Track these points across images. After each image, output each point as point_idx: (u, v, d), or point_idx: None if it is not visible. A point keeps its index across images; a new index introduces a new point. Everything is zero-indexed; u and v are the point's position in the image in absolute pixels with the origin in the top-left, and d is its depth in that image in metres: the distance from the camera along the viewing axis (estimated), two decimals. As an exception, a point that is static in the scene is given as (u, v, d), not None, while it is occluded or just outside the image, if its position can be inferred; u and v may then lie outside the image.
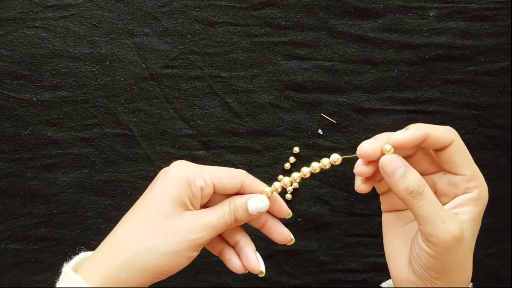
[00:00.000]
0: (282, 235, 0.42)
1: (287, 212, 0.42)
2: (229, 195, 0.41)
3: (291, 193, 0.60)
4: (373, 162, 0.38)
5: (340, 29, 0.59)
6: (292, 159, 0.60)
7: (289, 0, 0.59)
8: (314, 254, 0.60)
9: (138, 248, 0.36)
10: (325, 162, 0.39)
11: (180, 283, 0.60)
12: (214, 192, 0.40)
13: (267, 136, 0.60)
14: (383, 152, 0.36)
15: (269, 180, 0.60)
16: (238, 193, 0.41)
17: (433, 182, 0.39)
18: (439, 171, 0.39)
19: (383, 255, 0.62)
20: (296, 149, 0.60)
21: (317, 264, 0.60)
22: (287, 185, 0.40)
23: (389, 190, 0.41)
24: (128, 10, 0.59)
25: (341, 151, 0.60)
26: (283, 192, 0.60)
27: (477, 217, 0.37)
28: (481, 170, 0.60)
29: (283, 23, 0.59)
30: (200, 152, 0.60)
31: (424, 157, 0.39)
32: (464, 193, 0.37)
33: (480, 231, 0.60)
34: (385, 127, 0.60)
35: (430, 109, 0.60)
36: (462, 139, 0.59)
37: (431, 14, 0.59)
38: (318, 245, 0.60)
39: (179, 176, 0.38)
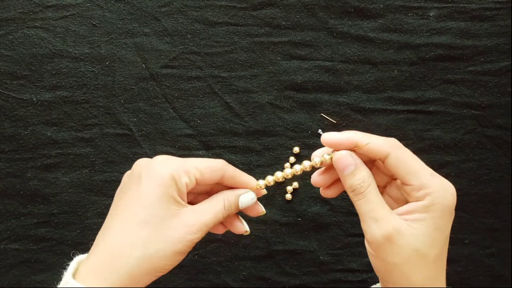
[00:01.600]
0: (240, 228, 0.43)
1: (261, 210, 0.44)
2: (212, 185, 0.42)
3: (291, 193, 0.60)
4: (327, 171, 0.42)
5: (340, 29, 0.59)
6: (292, 159, 0.60)
7: (289, 0, 0.59)
8: (314, 254, 0.60)
9: (142, 256, 0.36)
10: (306, 165, 0.42)
11: (180, 283, 0.60)
12: (196, 184, 0.41)
13: (267, 136, 0.60)
14: (329, 155, 0.40)
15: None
16: (218, 183, 0.42)
17: (398, 186, 0.41)
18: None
19: (383, 255, 0.62)
20: (296, 149, 0.60)
21: (317, 264, 0.60)
22: (270, 183, 0.42)
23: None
24: (128, 10, 0.59)
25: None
26: (283, 192, 0.60)
27: (431, 225, 0.37)
28: (481, 170, 0.60)
29: (283, 23, 0.59)
30: (200, 152, 0.60)
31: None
32: (416, 200, 0.38)
33: (480, 231, 0.60)
34: (385, 127, 0.60)
35: (430, 109, 0.60)
36: (462, 139, 0.60)
37: (431, 14, 0.59)
38: (318, 245, 0.60)
39: (165, 174, 0.38)
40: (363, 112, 0.60)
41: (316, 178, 0.42)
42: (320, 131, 0.60)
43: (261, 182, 0.42)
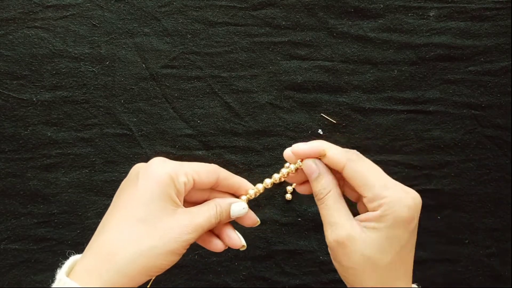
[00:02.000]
0: (234, 240, 0.44)
1: (255, 220, 0.45)
2: (203, 190, 0.43)
3: (291, 193, 0.60)
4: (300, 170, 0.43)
5: (340, 29, 0.59)
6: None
7: (289, 0, 0.59)
8: (314, 254, 0.60)
9: (136, 252, 0.37)
10: (284, 172, 0.44)
11: (180, 283, 0.60)
12: (193, 188, 0.41)
13: (267, 136, 0.60)
14: (296, 166, 0.43)
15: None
16: (212, 188, 0.43)
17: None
18: None
19: (383, 255, 0.62)
20: (296, 149, 0.60)
21: (317, 264, 0.60)
22: (261, 191, 0.45)
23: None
24: (128, 10, 0.59)
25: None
26: (283, 192, 0.60)
27: (383, 234, 0.38)
28: (481, 170, 0.60)
29: (283, 23, 0.59)
30: (200, 152, 0.60)
31: None
32: (373, 210, 0.39)
33: (480, 231, 0.60)
34: (385, 127, 0.60)
35: (430, 109, 0.60)
36: (462, 139, 0.60)
37: (431, 14, 0.59)
38: (318, 245, 0.60)
39: (163, 174, 0.39)
40: (363, 112, 0.60)
41: (290, 175, 0.44)
42: (320, 131, 0.60)
43: (251, 192, 0.44)
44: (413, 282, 0.42)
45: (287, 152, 0.43)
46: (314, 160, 0.41)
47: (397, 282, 0.39)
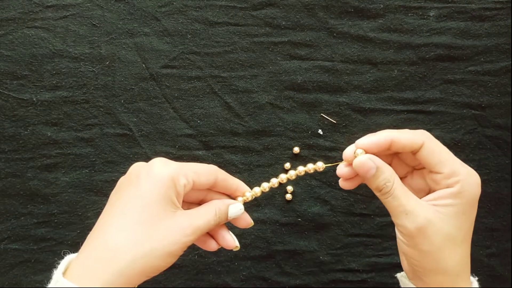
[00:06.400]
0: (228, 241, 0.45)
1: (249, 222, 0.45)
2: (200, 190, 0.44)
3: (291, 193, 0.60)
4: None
5: (340, 29, 0.59)
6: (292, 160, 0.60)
7: (289, 0, 0.59)
8: (314, 254, 0.60)
9: (136, 253, 0.37)
10: (310, 167, 0.45)
11: (180, 283, 0.60)
12: (192, 188, 0.42)
13: (267, 136, 0.60)
14: (355, 155, 0.41)
15: (268, 180, 0.60)
16: (210, 189, 0.44)
17: (423, 176, 0.42)
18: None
19: (383, 255, 0.62)
20: (296, 149, 0.60)
21: (317, 264, 0.60)
22: (258, 194, 0.46)
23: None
24: (128, 10, 0.59)
25: (341, 152, 0.60)
26: (283, 192, 0.60)
27: (460, 210, 0.39)
28: (481, 170, 0.60)
29: (283, 23, 0.59)
30: (200, 152, 0.60)
31: (410, 155, 0.42)
32: (446, 187, 0.39)
33: (480, 231, 0.60)
34: (385, 127, 0.60)
35: (430, 109, 0.60)
36: (462, 139, 0.60)
37: (431, 14, 0.59)
38: (318, 245, 0.60)
39: (165, 176, 0.39)
40: (363, 112, 0.60)
41: (342, 170, 0.43)
42: (320, 131, 0.60)
43: (248, 194, 0.45)
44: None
45: (348, 152, 0.41)
46: (368, 156, 0.40)
47: (468, 259, 0.40)
